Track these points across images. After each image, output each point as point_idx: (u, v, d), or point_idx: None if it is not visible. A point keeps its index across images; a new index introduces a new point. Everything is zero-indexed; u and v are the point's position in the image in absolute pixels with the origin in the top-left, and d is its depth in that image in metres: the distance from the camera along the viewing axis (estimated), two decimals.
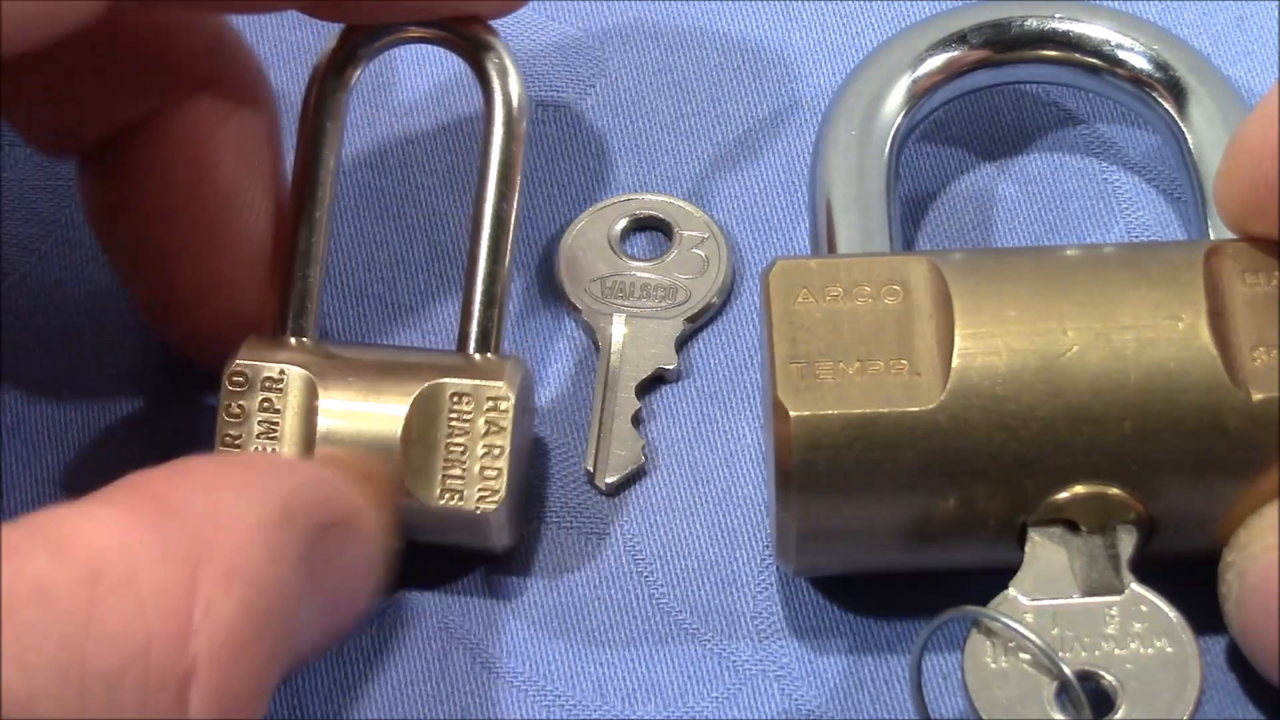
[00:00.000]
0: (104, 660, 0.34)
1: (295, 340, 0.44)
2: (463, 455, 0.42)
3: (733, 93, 0.50)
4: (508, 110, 0.44)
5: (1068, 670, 0.39)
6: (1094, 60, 0.47)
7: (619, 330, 0.47)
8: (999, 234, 0.48)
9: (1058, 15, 0.47)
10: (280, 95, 0.46)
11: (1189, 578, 0.41)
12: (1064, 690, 0.39)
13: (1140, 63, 0.46)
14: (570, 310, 0.47)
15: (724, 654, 0.43)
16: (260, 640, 0.36)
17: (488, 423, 0.42)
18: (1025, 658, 0.39)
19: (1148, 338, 0.40)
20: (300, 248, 0.44)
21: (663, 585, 0.44)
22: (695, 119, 0.50)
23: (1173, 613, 0.40)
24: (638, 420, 0.46)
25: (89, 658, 0.34)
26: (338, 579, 0.40)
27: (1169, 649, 0.39)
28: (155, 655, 0.34)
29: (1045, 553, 0.41)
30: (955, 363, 0.40)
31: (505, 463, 0.42)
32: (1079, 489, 0.40)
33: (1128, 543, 0.40)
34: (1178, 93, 0.46)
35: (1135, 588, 0.40)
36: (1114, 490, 0.40)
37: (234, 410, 0.42)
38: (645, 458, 0.45)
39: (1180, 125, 0.46)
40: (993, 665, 0.39)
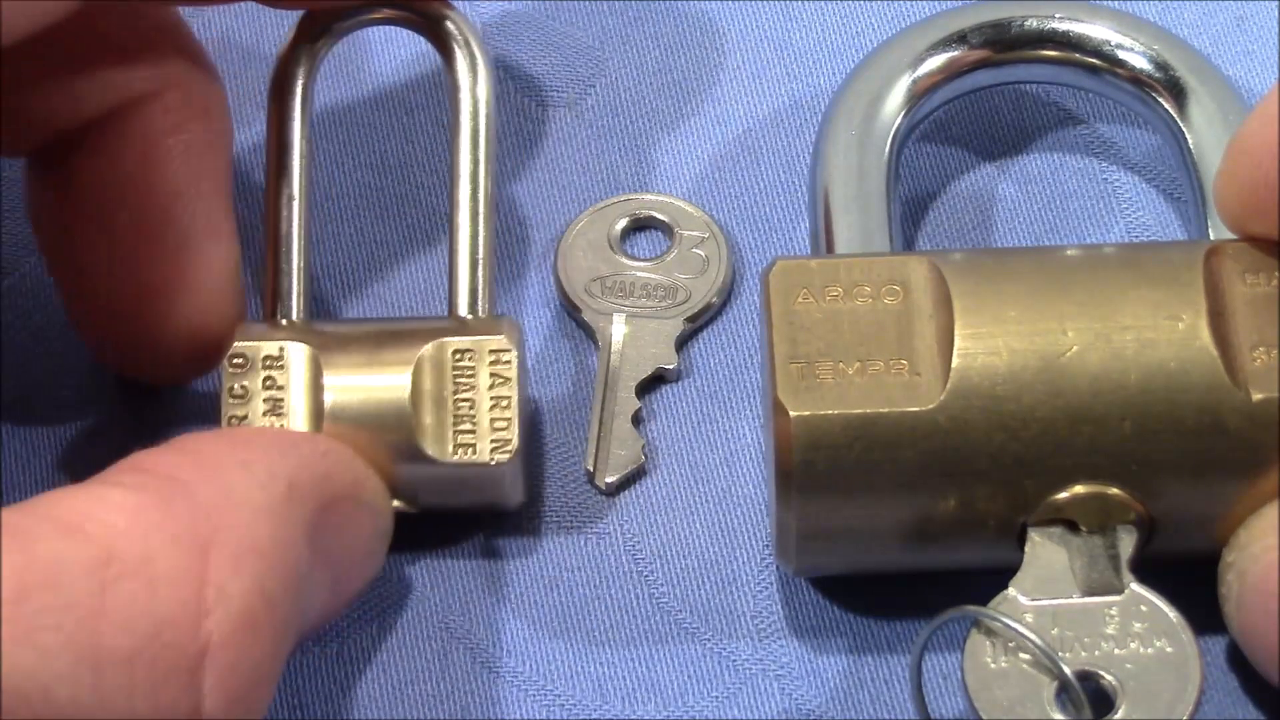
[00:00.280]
0: (118, 643, 0.34)
1: (287, 321, 0.44)
2: (471, 410, 0.42)
3: (733, 93, 0.50)
4: (473, 77, 0.45)
5: (1067, 670, 0.39)
6: (1094, 60, 0.47)
7: (619, 330, 0.47)
8: (999, 234, 0.48)
9: (1058, 15, 0.47)
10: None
11: (1189, 578, 0.41)
12: (1064, 690, 0.39)
13: (1140, 63, 0.46)
14: (570, 310, 0.47)
15: (724, 653, 0.43)
16: (271, 618, 0.36)
17: (493, 375, 0.42)
18: (1025, 658, 0.39)
19: (1148, 338, 0.40)
20: (282, 231, 0.44)
21: (663, 585, 0.44)
22: (695, 119, 0.50)
23: (1172, 613, 0.40)
24: (638, 420, 0.46)
25: (103, 641, 0.34)
26: (343, 551, 0.40)
27: (1169, 649, 0.39)
28: (169, 637, 0.35)
29: (1045, 553, 0.41)
30: (955, 363, 0.40)
31: (514, 413, 0.42)
32: (1079, 489, 0.40)
33: (1128, 543, 0.40)
34: (1178, 93, 0.46)
35: (1135, 587, 0.40)
36: (1114, 490, 0.40)
37: (237, 391, 0.42)
38: (645, 457, 0.45)
39: (1180, 125, 0.46)
40: (992, 665, 0.39)
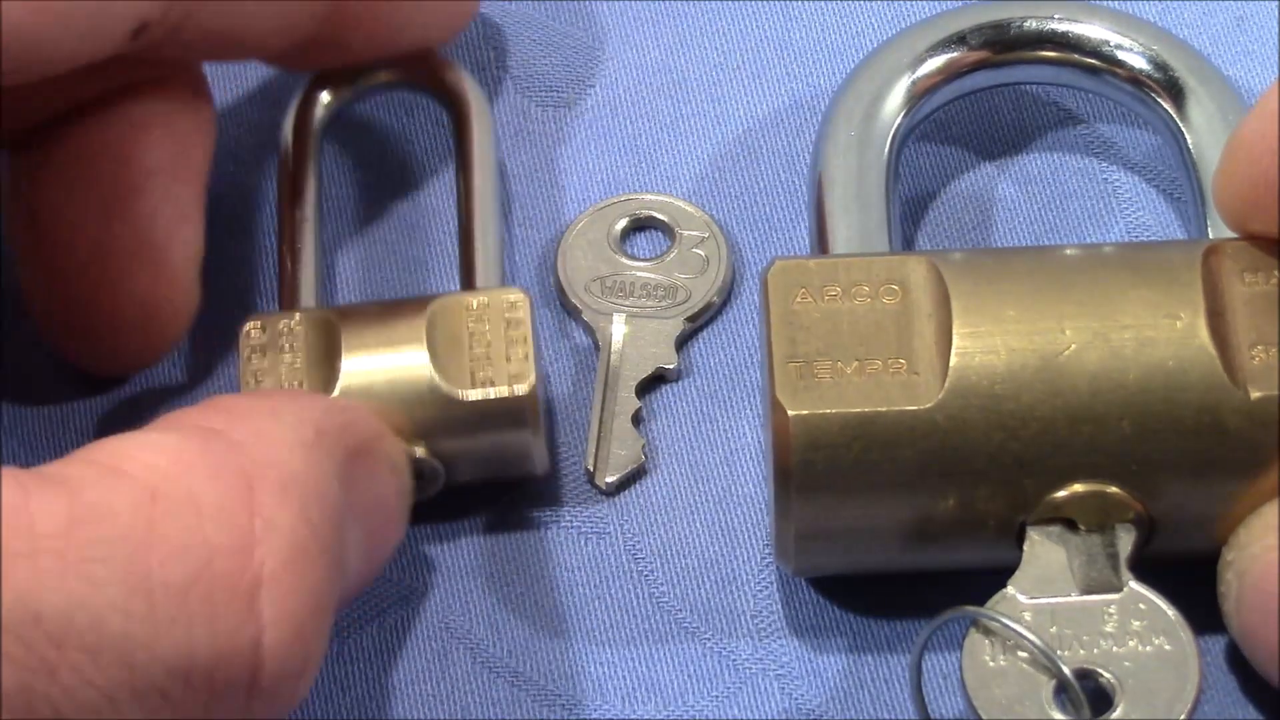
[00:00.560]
0: (170, 573, 0.35)
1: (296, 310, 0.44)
2: (487, 353, 0.43)
3: (733, 93, 0.50)
4: (485, 137, 0.47)
5: (1066, 669, 0.39)
6: (1093, 60, 0.47)
7: (619, 330, 0.47)
8: (999, 234, 0.48)
9: (1057, 15, 0.47)
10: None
11: (1189, 578, 0.41)
12: (1062, 689, 0.39)
13: (1139, 63, 0.46)
14: (570, 310, 0.47)
15: (724, 653, 0.43)
16: (320, 550, 0.37)
17: (508, 323, 0.43)
18: (1024, 656, 0.39)
19: (1147, 337, 0.40)
20: (298, 246, 0.45)
21: (663, 584, 0.44)
22: (695, 119, 0.50)
23: (1171, 610, 0.40)
24: (638, 419, 0.46)
25: (154, 571, 0.34)
26: (371, 505, 0.40)
27: (1167, 647, 0.39)
28: (220, 566, 0.35)
29: (1044, 551, 0.41)
30: (954, 362, 0.40)
31: (530, 352, 0.43)
32: (1078, 488, 0.40)
33: (1126, 541, 0.40)
34: (1177, 93, 0.46)
35: (1134, 586, 0.40)
36: (1113, 489, 0.40)
37: (254, 365, 0.43)
38: (645, 457, 0.45)
39: (1180, 125, 0.46)
40: (991, 664, 0.39)
